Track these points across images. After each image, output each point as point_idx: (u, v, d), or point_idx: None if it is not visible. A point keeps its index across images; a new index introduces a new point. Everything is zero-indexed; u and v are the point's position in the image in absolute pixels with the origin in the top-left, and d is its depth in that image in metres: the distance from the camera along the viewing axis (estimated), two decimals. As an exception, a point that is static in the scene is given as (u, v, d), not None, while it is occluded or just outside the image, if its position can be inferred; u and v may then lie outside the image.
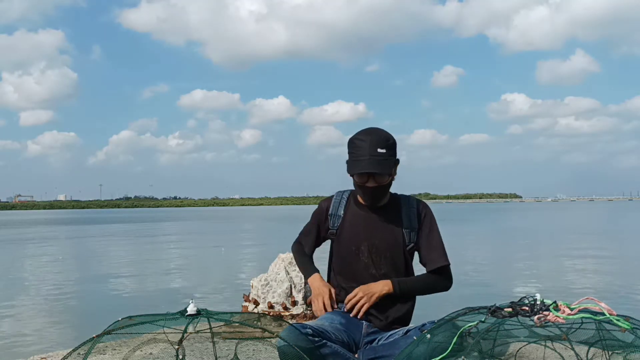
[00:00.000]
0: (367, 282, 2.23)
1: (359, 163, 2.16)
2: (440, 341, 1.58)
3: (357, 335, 2.16)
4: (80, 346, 1.61)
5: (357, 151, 2.17)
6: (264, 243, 23.20)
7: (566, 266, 14.13)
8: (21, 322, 8.42)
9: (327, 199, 2.41)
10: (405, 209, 2.28)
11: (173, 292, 10.97)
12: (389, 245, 2.24)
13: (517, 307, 1.59)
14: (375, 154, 2.13)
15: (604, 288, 10.69)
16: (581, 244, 20.67)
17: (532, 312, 1.55)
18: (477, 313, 1.63)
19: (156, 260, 17.72)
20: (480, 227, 35.12)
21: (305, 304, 4.35)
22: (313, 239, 2.39)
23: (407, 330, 2.10)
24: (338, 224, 2.31)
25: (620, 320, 1.49)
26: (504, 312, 1.58)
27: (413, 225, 2.26)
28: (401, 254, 2.25)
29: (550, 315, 1.53)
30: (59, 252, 21.57)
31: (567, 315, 1.54)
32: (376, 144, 2.15)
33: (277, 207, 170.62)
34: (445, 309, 1.89)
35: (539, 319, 1.52)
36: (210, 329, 1.80)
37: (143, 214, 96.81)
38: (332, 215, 2.33)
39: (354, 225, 2.28)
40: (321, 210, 2.37)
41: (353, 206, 2.32)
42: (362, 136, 2.20)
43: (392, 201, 2.31)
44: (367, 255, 2.24)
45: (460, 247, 19.06)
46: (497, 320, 1.54)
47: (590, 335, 1.53)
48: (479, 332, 1.53)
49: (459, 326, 1.59)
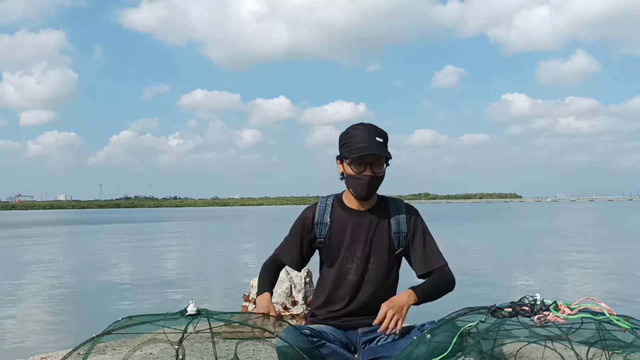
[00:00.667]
0: (355, 287, 2.19)
1: (360, 148, 2.13)
2: (441, 341, 1.58)
3: (354, 336, 2.16)
4: (81, 346, 1.61)
5: (356, 138, 2.16)
6: (264, 243, 23.19)
7: (566, 266, 14.13)
8: (21, 322, 8.42)
9: (311, 207, 2.32)
10: (393, 213, 2.24)
11: (173, 292, 10.96)
12: (377, 249, 2.20)
13: (517, 307, 1.59)
14: (375, 141, 2.13)
15: (604, 289, 10.68)
16: (582, 244, 20.65)
17: (532, 312, 1.55)
18: (477, 313, 1.63)
19: (156, 260, 17.70)
20: (480, 227, 35.10)
21: (305, 304, 4.36)
22: (296, 254, 2.29)
23: (406, 330, 2.08)
24: (325, 231, 2.24)
25: (620, 320, 1.49)
26: (504, 312, 1.58)
27: (402, 230, 2.22)
28: (389, 259, 2.22)
29: (550, 315, 1.53)
30: (58, 253, 21.56)
31: (567, 315, 1.54)
32: (374, 132, 2.16)
33: (277, 207, 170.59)
34: (445, 309, 1.89)
35: (539, 319, 1.52)
36: (210, 329, 1.80)
37: (143, 214, 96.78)
38: (318, 223, 2.26)
39: (341, 231, 2.23)
40: (306, 220, 2.28)
41: (339, 211, 2.26)
42: (357, 126, 2.20)
43: (380, 204, 2.27)
44: (356, 260, 2.20)
45: (460, 247, 19.06)
46: (497, 320, 1.55)
47: (590, 335, 1.53)
48: (479, 332, 1.54)
49: (459, 326, 1.60)
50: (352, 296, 2.20)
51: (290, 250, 2.30)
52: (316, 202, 2.34)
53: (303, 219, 2.29)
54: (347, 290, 2.20)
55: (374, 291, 2.19)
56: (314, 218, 2.27)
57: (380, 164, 2.18)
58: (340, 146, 2.23)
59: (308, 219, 2.28)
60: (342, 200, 2.29)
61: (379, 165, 2.17)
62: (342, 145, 2.21)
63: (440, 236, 2.30)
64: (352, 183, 2.21)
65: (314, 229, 2.26)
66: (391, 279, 2.24)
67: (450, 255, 2.27)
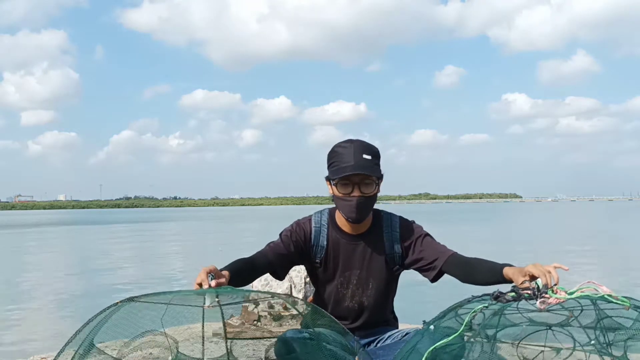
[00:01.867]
0: (352, 310, 2.16)
1: (344, 168, 2.00)
2: (445, 330, 1.58)
3: (353, 338, 2.17)
4: (103, 311, 1.60)
5: (341, 158, 2.03)
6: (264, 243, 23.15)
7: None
8: (21, 322, 8.42)
9: (305, 222, 2.19)
10: (387, 232, 2.14)
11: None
12: (373, 274, 2.14)
13: (520, 292, 1.59)
14: (361, 159, 2.00)
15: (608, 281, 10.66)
16: (582, 244, 20.65)
17: (535, 295, 1.56)
18: (480, 300, 1.63)
19: (156, 260, 17.71)
20: (480, 227, 35.08)
21: (305, 304, 4.35)
22: (284, 263, 2.13)
23: (406, 332, 2.09)
24: (322, 255, 2.15)
25: (620, 299, 1.50)
26: (507, 296, 1.59)
27: (396, 251, 2.14)
28: (386, 280, 2.17)
29: (552, 298, 1.54)
30: (58, 252, 21.54)
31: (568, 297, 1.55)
32: (361, 150, 2.03)
33: (277, 207, 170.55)
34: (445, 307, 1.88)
35: (542, 303, 1.53)
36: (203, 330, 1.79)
37: (143, 214, 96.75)
38: (315, 245, 2.15)
39: (337, 257, 2.14)
40: (304, 237, 2.15)
41: (334, 234, 2.15)
42: (343, 143, 2.07)
43: (374, 224, 2.17)
44: (351, 287, 2.15)
45: (460, 246, 19.01)
46: (502, 305, 1.55)
47: (593, 318, 1.55)
48: (484, 317, 1.54)
49: (461, 314, 1.60)
50: (353, 320, 2.19)
51: (280, 258, 2.11)
52: (309, 217, 2.21)
53: (300, 234, 2.16)
54: (346, 314, 2.18)
55: (374, 311, 2.18)
56: (310, 239, 2.15)
57: (370, 184, 2.03)
58: (327, 166, 2.11)
59: (307, 235, 2.16)
60: (336, 221, 2.17)
61: (367, 185, 2.03)
62: (329, 166, 2.09)
63: (439, 236, 2.28)
64: (340, 205, 2.08)
65: (311, 250, 2.16)
66: (391, 297, 2.24)
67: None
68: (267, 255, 2.08)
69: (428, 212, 72.55)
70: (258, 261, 2.04)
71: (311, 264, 2.20)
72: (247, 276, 1.99)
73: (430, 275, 2.12)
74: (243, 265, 1.97)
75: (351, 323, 2.18)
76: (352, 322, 2.18)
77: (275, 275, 2.12)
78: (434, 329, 1.60)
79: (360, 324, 2.18)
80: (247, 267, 1.99)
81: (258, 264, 2.04)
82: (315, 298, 2.30)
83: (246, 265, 1.99)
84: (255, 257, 2.06)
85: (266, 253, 2.09)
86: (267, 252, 2.09)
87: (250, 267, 2.01)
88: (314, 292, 2.32)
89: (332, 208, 2.21)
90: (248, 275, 2.00)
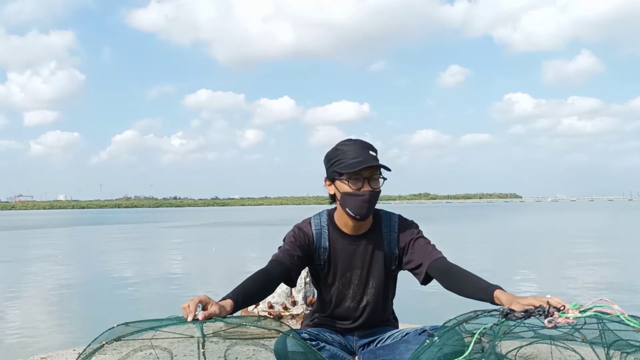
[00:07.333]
0: (353, 311, 2.17)
1: (355, 163, 1.99)
2: (452, 344, 1.56)
3: (352, 339, 2.18)
4: (88, 355, 1.59)
5: (348, 154, 2.02)
6: (263, 243, 23.19)
7: (569, 266, 14.12)
8: (21, 322, 8.41)
9: (306, 225, 2.17)
10: (386, 232, 2.16)
11: (172, 291, 10.96)
12: (374, 274, 2.16)
13: (531, 310, 1.58)
14: (369, 154, 2.01)
15: (612, 288, 10.67)
16: (582, 244, 20.64)
17: (544, 314, 1.55)
18: (489, 315, 1.61)
19: (155, 260, 17.69)
20: (480, 227, 35.08)
21: (305, 304, 4.35)
22: (299, 267, 2.09)
23: (406, 332, 2.08)
24: (325, 257, 2.15)
25: (631, 320, 1.48)
26: (517, 314, 1.58)
27: (393, 252, 2.15)
28: (386, 281, 2.18)
29: (561, 319, 1.52)
30: (58, 253, 21.55)
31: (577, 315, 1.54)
32: (366, 146, 2.04)
33: (277, 207, 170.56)
34: (444, 310, 1.88)
35: (550, 322, 1.51)
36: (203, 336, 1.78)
37: (143, 214, 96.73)
38: (318, 247, 2.14)
39: (339, 258, 2.15)
40: (307, 240, 2.13)
41: (334, 235, 2.16)
42: (346, 142, 2.07)
43: (374, 224, 2.17)
44: (352, 287, 2.16)
45: (460, 247, 19.05)
46: (512, 322, 1.54)
47: (595, 335, 1.52)
48: (495, 335, 1.52)
49: (469, 329, 1.58)
50: (354, 320, 2.20)
51: (292, 263, 2.06)
52: (308, 220, 2.20)
53: (303, 237, 2.14)
54: (347, 314, 2.20)
55: (374, 310, 2.19)
56: (313, 241, 2.15)
57: (377, 179, 2.04)
58: (329, 165, 2.09)
59: (310, 239, 2.14)
60: (335, 222, 2.17)
61: (376, 180, 2.04)
62: (333, 164, 2.06)
63: (440, 236, 2.27)
64: (349, 202, 2.04)
65: (315, 252, 2.16)
66: (390, 296, 2.25)
67: (451, 255, 2.24)
68: (282, 263, 2.03)
69: (428, 212, 72.44)
70: (274, 271, 1.99)
71: (314, 266, 2.20)
72: (262, 292, 1.93)
73: (419, 278, 2.12)
74: (255, 282, 1.90)
75: (352, 323, 2.20)
76: (352, 322, 2.20)
77: (289, 283, 2.07)
78: (439, 341, 1.58)
79: (361, 323, 2.20)
80: (261, 281, 1.92)
81: (274, 273, 1.98)
82: (316, 298, 2.32)
83: (260, 279, 1.92)
84: (269, 268, 2.00)
85: (281, 260, 2.04)
86: (282, 260, 2.04)
87: (265, 280, 1.94)
88: (316, 293, 2.33)
89: (331, 210, 2.21)
90: (263, 291, 1.93)
